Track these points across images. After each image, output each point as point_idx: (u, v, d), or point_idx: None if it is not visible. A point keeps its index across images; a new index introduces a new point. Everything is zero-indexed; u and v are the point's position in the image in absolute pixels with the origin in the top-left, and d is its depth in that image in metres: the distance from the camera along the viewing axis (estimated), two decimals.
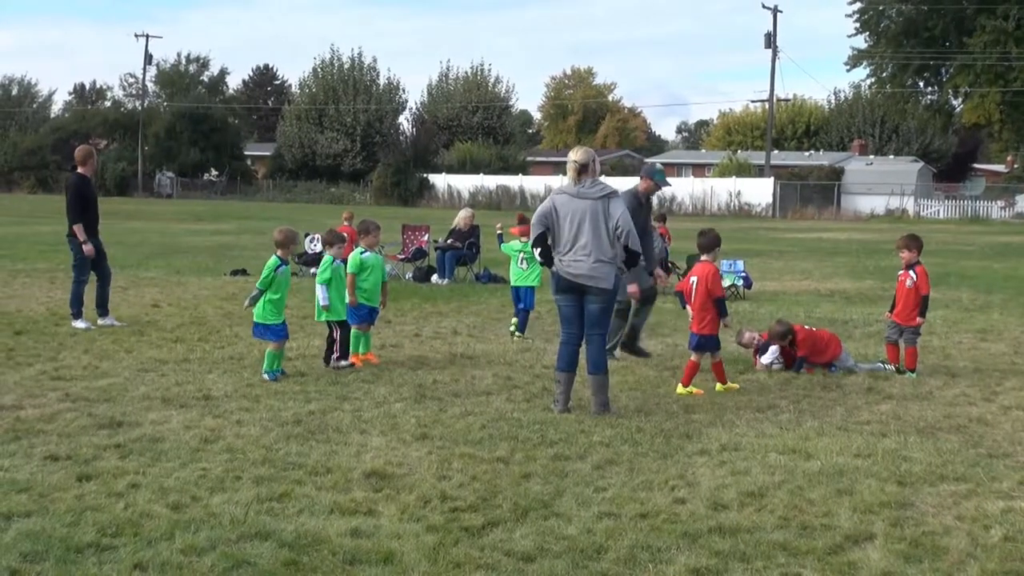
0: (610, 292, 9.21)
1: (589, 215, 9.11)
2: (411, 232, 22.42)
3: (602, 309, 9.22)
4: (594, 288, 9.12)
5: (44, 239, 29.80)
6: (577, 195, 9.19)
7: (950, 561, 5.67)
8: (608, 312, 9.37)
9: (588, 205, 9.13)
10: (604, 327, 9.33)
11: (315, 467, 7.21)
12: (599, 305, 9.19)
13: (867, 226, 53.43)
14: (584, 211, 9.12)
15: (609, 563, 5.57)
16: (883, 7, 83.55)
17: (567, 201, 9.23)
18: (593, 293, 9.14)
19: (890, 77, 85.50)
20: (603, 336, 9.34)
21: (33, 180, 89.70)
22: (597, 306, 9.19)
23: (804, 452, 7.81)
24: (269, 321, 10.48)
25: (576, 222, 9.12)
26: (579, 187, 9.21)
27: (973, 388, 10.43)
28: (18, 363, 10.82)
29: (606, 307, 9.28)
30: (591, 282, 9.09)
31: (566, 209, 9.20)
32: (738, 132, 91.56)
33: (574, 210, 9.16)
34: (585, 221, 9.10)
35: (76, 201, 13.77)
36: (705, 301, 10.08)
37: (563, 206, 9.23)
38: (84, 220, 13.72)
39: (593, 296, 9.16)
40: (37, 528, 5.88)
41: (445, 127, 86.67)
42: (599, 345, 9.26)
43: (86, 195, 13.91)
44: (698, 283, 10.13)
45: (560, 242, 9.22)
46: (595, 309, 9.20)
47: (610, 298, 9.28)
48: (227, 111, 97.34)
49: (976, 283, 21.51)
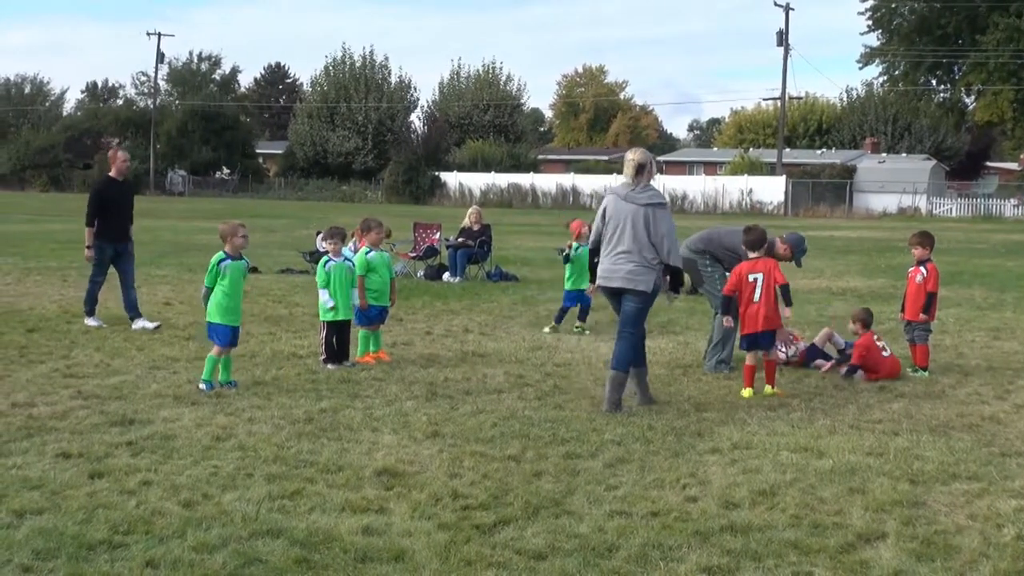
0: (647, 295, 9.28)
1: (632, 219, 9.17)
2: (423, 230, 22.42)
3: (638, 310, 9.30)
4: (631, 290, 9.20)
5: (56, 237, 29.90)
6: (625, 198, 9.25)
7: (962, 560, 5.65)
8: (643, 313, 9.41)
9: (633, 210, 9.19)
10: (636, 326, 9.36)
11: (326, 465, 7.21)
12: (636, 305, 9.28)
13: (879, 224, 53.31)
14: (628, 215, 9.18)
15: (620, 561, 5.56)
16: (896, 4, 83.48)
17: (614, 202, 9.32)
18: (630, 295, 9.22)
19: (902, 75, 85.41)
20: (634, 335, 9.37)
21: (45, 178, 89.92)
22: (633, 306, 9.28)
23: (816, 450, 7.79)
24: (214, 320, 9.87)
25: (619, 225, 9.20)
26: (628, 190, 9.26)
27: (986, 386, 10.40)
28: (30, 360, 10.85)
29: (643, 307, 9.35)
30: (629, 285, 9.18)
31: (612, 210, 9.30)
32: (750, 130, 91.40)
33: (619, 212, 9.23)
34: (628, 225, 9.17)
35: (90, 203, 13.55)
36: (771, 296, 9.89)
37: (610, 207, 9.33)
38: (100, 223, 13.45)
39: (631, 297, 9.24)
40: (49, 525, 5.89)
41: (456, 125, 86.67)
42: (629, 343, 9.31)
43: (105, 197, 13.56)
44: (765, 277, 9.89)
45: (603, 244, 9.35)
46: (631, 309, 9.29)
47: (648, 299, 9.34)
48: (239, 109, 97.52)
49: (989, 281, 21.43)
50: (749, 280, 9.92)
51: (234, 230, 10.06)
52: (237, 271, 10.00)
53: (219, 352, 9.81)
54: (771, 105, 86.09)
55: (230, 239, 10.01)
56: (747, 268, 9.98)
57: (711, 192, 66.56)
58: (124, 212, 13.67)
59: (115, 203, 13.61)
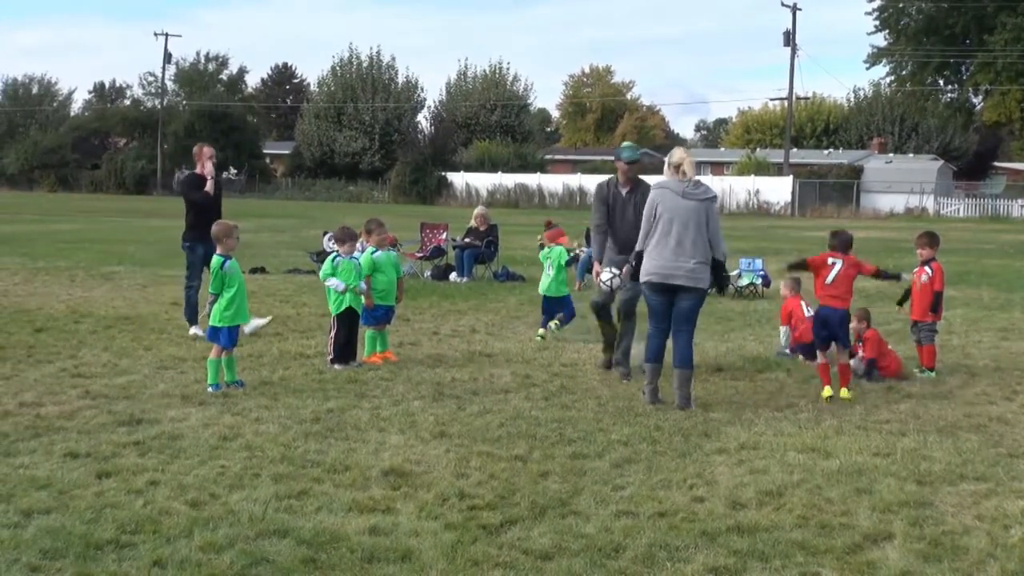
0: (704, 291, 9.43)
1: (694, 216, 9.24)
2: (429, 230, 22.42)
3: (694, 306, 9.41)
4: (692, 288, 9.28)
5: (64, 237, 29.97)
6: (683, 195, 9.28)
7: (970, 561, 5.65)
8: (698, 308, 9.51)
9: (695, 207, 9.27)
10: (694, 322, 9.50)
11: (333, 465, 7.22)
12: (695, 302, 9.40)
13: (887, 224, 53.22)
14: (690, 212, 9.24)
15: (627, 562, 5.57)
16: (903, 4, 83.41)
17: (671, 199, 9.30)
18: (689, 292, 9.30)
19: (910, 75, 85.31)
20: (692, 331, 9.49)
21: (53, 178, 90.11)
22: (690, 303, 9.38)
23: (823, 451, 7.79)
24: (222, 324, 9.81)
25: (680, 222, 9.23)
26: (684, 187, 9.31)
27: (993, 387, 10.38)
28: (38, 360, 10.87)
29: (700, 304, 9.48)
30: (692, 283, 9.27)
31: (668, 207, 9.28)
32: (757, 130, 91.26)
33: (678, 208, 9.24)
34: (690, 222, 9.23)
35: (191, 200, 13.23)
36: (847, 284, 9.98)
37: (666, 203, 9.31)
38: (190, 222, 13.13)
39: (691, 295, 9.32)
40: (57, 525, 5.90)
41: (463, 125, 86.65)
42: (687, 340, 9.43)
43: (194, 192, 13.27)
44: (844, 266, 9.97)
45: (655, 239, 9.32)
46: (688, 306, 9.38)
47: (703, 295, 9.47)
48: (246, 109, 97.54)
49: (997, 281, 21.39)
50: (828, 263, 10.02)
51: (229, 231, 10.07)
52: (238, 271, 10.04)
53: (220, 354, 9.79)
54: (778, 105, 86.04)
55: (225, 240, 10.02)
56: (827, 254, 10.14)
57: (718, 192, 66.23)
58: (213, 210, 13.22)
59: (204, 200, 13.27)
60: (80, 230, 34.28)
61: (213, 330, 9.90)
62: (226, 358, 9.84)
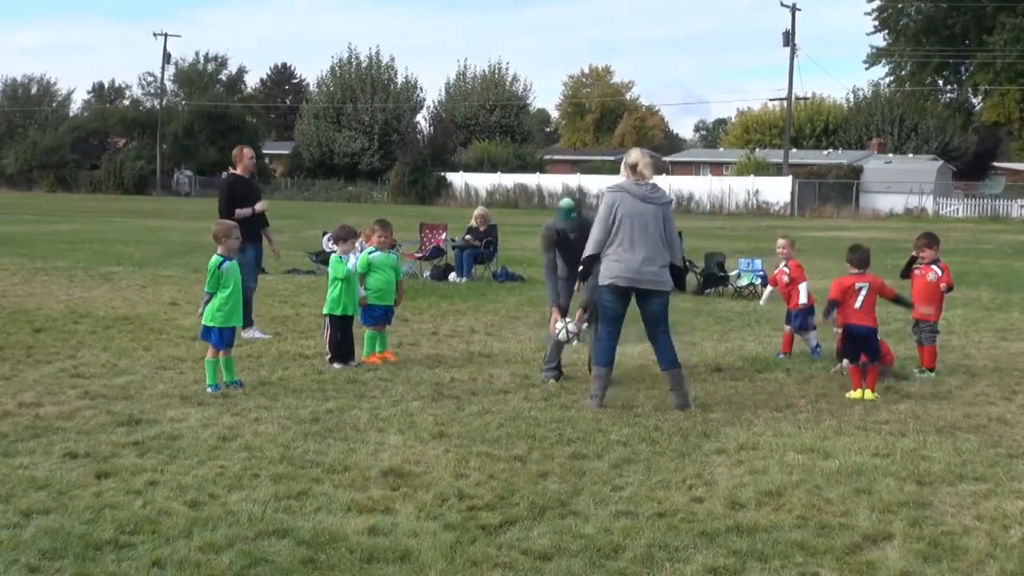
0: (668, 294, 9.40)
1: (653, 220, 9.21)
2: (429, 230, 22.42)
3: (663, 308, 9.38)
4: (660, 291, 9.28)
5: (63, 237, 29.96)
6: (643, 199, 9.24)
7: (969, 561, 5.65)
8: (667, 308, 9.47)
9: (654, 210, 9.24)
10: (667, 323, 9.44)
11: (333, 465, 7.21)
12: (663, 304, 9.37)
13: (886, 225, 53.23)
14: (649, 215, 9.21)
15: (626, 562, 5.56)
16: (902, 5, 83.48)
17: (631, 202, 9.23)
18: (657, 295, 9.28)
19: (909, 75, 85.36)
20: (668, 332, 9.45)
21: (52, 179, 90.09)
22: (660, 306, 9.35)
23: (822, 451, 7.79)
24: (215, 324, 9.75)
25: (642, 226, 9.18)
26: (644, 191, 9.28)
27: (993, 387, 10.38)
28: (37, 361, 10.86)
29: (666, 305, 9.43)
30: (658, 287, 9.25)
31: (628, 210, 9.21)
32: (756, 131, 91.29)
33: (639, 212, 9.19)
34: (650, 225, 9.19)
35: (224, 200, 13.15)
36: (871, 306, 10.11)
37: (626, 207, 9.23)
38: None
39: (658, 298, 9.30)
40: (56, 525, 5.90)
41: (462, 126, 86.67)
42: (668, 340, 9.40)
43: (233, 195, 13.19)
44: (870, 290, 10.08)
45: (617, 242, 9.22)
46: (658, 309, 9.35)
47: (668, 298, 9.43)
48: (245, 110, 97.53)
49: (996, 282, 21.40)
50: (855, 288, 10.07)
51: (228, 231, 10.06)
52: (236, 272, 10.00)
53: (216, 354, 9.77)
54: (777, 105, 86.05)
55: (224, 240, 10.01)
56: (853, 279, 10.14)
57: (717, 193, 66.51)
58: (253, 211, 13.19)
59: (245, 201, 13.20)
60: (79, 230, 34.27)
61: (205, 329, 9.88)
62: (225, 358, 9.82)
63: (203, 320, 9.90)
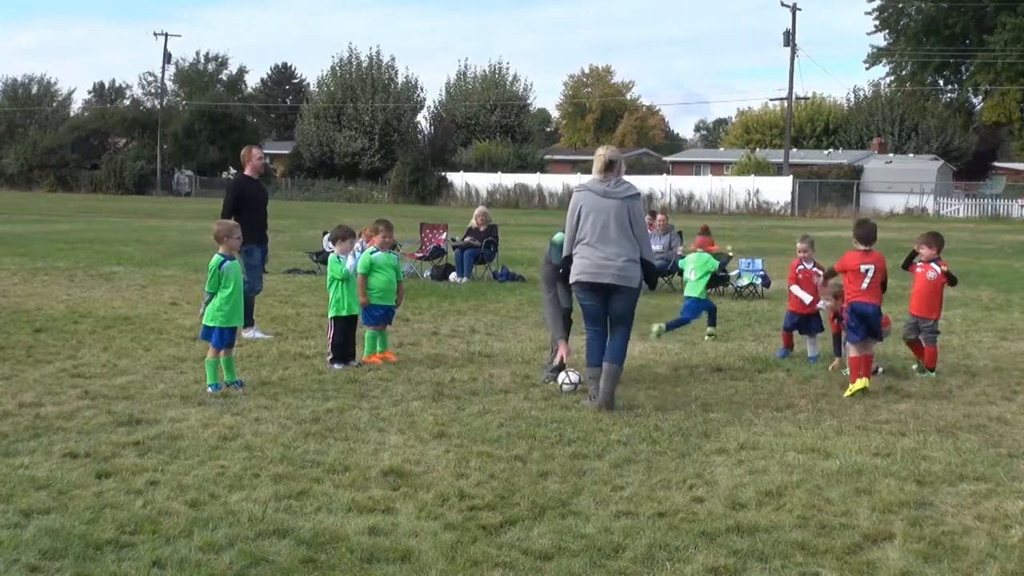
0: (636, 291, 9.31)
1: (615, 215, 9.15)
2: (429, 230, 22.42)
3: (628, 306, 9.32)
4: (623, 287, 9.19)
5: (63, 237, 29.96)
6: (604, 194, 9.21)
7: (969, 561, 5.64)
8: (633, 308, 9.42)
9: (616, 205, 9.16)
10: (630, 322, 9.42)
11: (333, 465, 7.21)
12: (629, 301, 9.32)
13: (887, 224, 53.09)
14: (611, 210, 9.15)
15: (627, 562, 5.56)
16: (903, 5, 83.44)
17: (592, 199, 9.24)
18: (621, 292, 9.21)
19: (910, 75, 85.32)
20: (629, 329, 9.43)
21: (52, 179, 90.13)
22: (623, 304, 9.30)
23: (823, 451, 7.78)
24: (216, 324, 9.74)
25: (603, 222, 9.15)
26: (605, 186, 9.23)
27: (993, 387, 10.38)
28: (38, 360, 10.86)
29: (634, 302, 9.38)
30: (622, 282, 9.18)
31: (592, 207, 9.22)
32: (757, 130, 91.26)
33: (600, 209, 9.18)
34: (611, 221, 9.14)
35: (227, 201, 13.04)
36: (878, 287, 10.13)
37: (588, 203, 9.24)
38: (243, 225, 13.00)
39: (620, 294, 9.23)
40: (56, 525, 5.90)
41: (463, 125, 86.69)
42: (624, 338, 9.36)
43: (241, 196, 13.08)
44: (876, 271, 10.08)
45: (582, 241, 9.23)
46: (621, 307, 9.31)
47: (635, 295, 9.36)
48: (245, 110, 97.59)
49: (996, 282, 21.40)
50: (861, 271, 10.08)
51: (230, 231, 10.05)
52: (237, 272, 9.99)
53: (216, 354, 9.76)
54: (778, 105, 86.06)
55: (226, 240, 10.00)
56: (859, 259, 10.14)
57: (718, 192, 66.53)
58: (261, 212, 13.12)
59: (253, 202, 13.12)
60: (79, 230, 34.27)
61: (206, 329, 9.87)
62: (225, 358, 9.82)
63: (204, 320, 9.90)
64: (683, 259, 13.91)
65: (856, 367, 9.98)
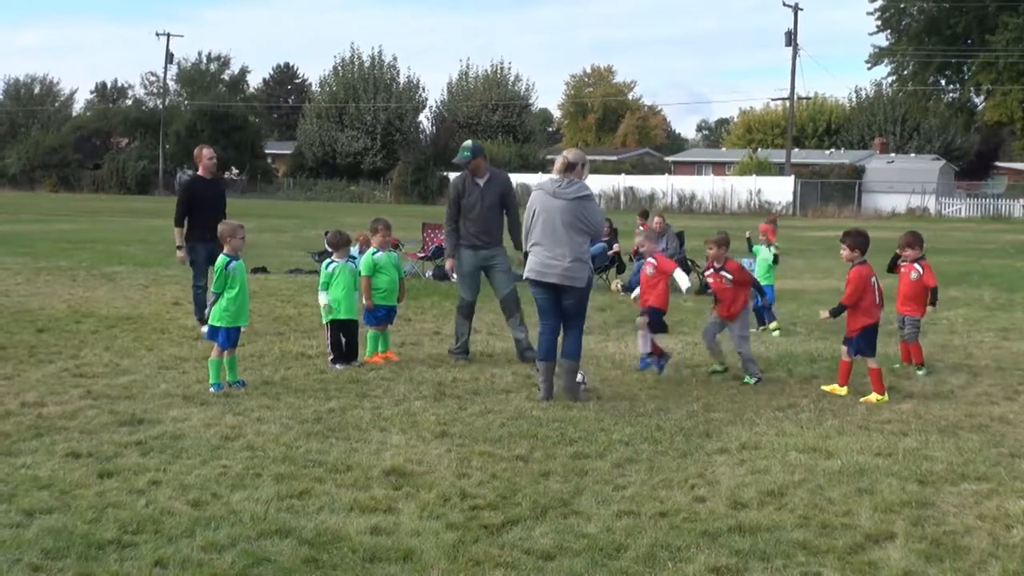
0: (584, 289, 9.52)
1: (562, 215, 9.32)
2: (431, 230, 22.42)
3: (577, 304, 9.55)
4: (570, 287, 9.39)
5: (66, 237, 29.98)
6: (553, 194, 9.41)
7: (971, 561, 5.64)
8: (584, 304, 9.65)
9: (563, 205, 9.35)
10: (582, 318, 9.66)
11: (335, 465, 7.22)
12: (574, 301, 9.52)
13: (888, 224, 53.12)
14: (558, 211, 9.34)
15: (628, 561, 5.56)
16: (904, 5, 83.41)
17: (543, 199, 9.47)
18: (568, 291, 9.42)
19: (911, 75, 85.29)
20: (581, 327, 9.66)
21: (55, 178, 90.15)
22: (573, 302, 9.52)
23: (824, 451, 7.78)
24: (222, 324, 9.74)
25: (551, 222, 9.34)
26: (556, 187, 9.42)
27: (995, 387, 10.37)
28: (40, 360, 10.87)
29: (581, 301, 9.58)
30: (568, 282, 9.38)
31: (543, 207, 9.44)
32: (758, 130, 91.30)
33: (549, 208, 9.38)
34: (558, 221, 9.32)
35: (179, 202, 13.24)
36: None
37: (539, 203, 9.48)
38: (191, 224, 13.08)
39: (568, 294, 9.44)
40: (59, 525, 5.91)
41: (465, 125, 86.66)
42: (577, 335, 9.60)
43: (194, 196, 13.20)
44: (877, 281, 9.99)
45: (532, 239, 9.50)
46: (571, 305, 9.54)
47: (584, 293, 9.56)
48: (248, 110, 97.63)
49: (998, 281, 21.38)
50: (872, 284, 9.91)
51: (234, 231, 10.05)
52: (243, 272, 10.00)
53: (220, 354, 9.75)
54: (780, 105, 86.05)
55: (230, 240, 10.00)
56: (868, 272, 9.94)
57: (720, 192, 66.54)
58: (215, 211, 13.03)
59: (206, 202, 13.14)
60: (82, 230, 34.29)
61: (212, 329, 9.89)
62: (228, 358, 9.82)
63: (210, 320, 9.90)
64: (755, 247, 14.87)
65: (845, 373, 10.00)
